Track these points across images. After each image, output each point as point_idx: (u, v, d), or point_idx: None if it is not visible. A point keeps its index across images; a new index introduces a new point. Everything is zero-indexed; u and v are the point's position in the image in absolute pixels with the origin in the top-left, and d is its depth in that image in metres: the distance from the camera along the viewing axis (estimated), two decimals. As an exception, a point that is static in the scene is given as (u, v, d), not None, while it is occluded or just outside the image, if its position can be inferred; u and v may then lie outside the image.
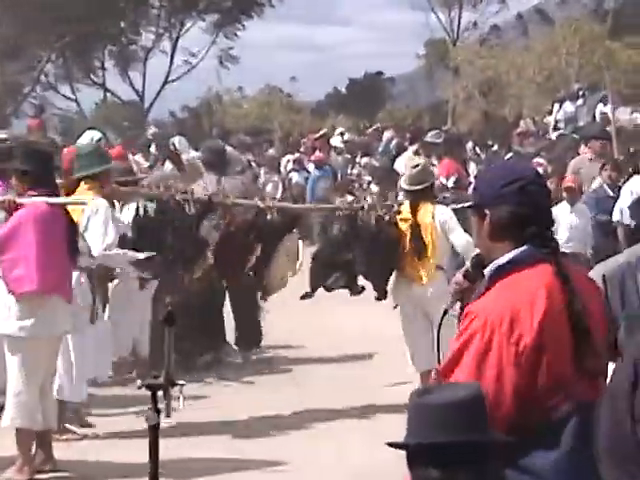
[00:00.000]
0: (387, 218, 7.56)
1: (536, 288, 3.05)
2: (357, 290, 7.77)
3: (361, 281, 7.81)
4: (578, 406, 2.98)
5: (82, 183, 7.17)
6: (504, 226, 3.12)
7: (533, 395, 3.00)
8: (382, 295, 7.85)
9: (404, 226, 7.44)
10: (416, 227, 7.34)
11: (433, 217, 7.34)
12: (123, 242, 7.10)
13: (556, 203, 11.61)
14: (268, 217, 7.83)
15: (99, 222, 6.64)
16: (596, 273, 3.75)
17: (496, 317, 3.00)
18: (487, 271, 3.18)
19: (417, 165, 8.09)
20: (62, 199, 6.41)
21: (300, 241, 8.25)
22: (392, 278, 7.56)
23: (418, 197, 7.44)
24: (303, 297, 7.80)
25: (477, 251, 3.43)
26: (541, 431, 2.98)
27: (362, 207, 7.87)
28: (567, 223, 9.99)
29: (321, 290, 7.80)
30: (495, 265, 3.09)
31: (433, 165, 12.02)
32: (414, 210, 7.40)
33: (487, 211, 3.13)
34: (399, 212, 7.59)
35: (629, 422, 2.06)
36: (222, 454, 6.72)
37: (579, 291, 3.05)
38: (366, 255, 7.52)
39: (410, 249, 7.36)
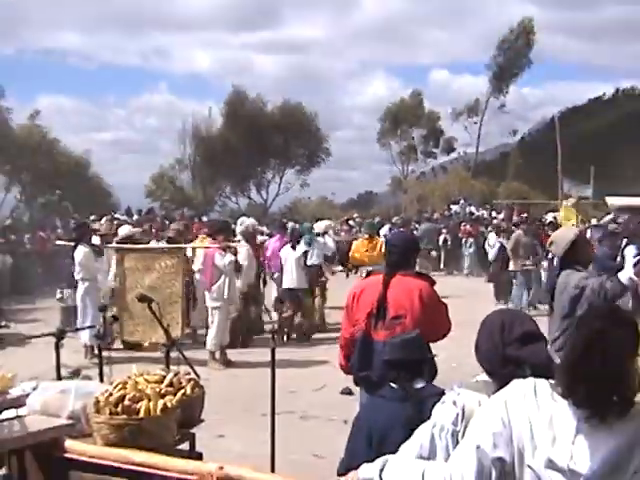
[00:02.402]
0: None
1: (368, 282, 4.80)
2: None
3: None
4: (364, 336, 4.66)
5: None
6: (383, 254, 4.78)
7: (350, 325, 4.84)
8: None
9: None
10: None
11: None
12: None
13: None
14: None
15: None
16: None
17: (352, 288, 4.89)
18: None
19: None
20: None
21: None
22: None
23: None
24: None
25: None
26: (356, 342, 4.69)
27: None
28: None
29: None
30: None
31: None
32: None
33: None
34: None
35: (501, 346, 2.76)
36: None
37: (390, 289, 4.61)
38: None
39: None
